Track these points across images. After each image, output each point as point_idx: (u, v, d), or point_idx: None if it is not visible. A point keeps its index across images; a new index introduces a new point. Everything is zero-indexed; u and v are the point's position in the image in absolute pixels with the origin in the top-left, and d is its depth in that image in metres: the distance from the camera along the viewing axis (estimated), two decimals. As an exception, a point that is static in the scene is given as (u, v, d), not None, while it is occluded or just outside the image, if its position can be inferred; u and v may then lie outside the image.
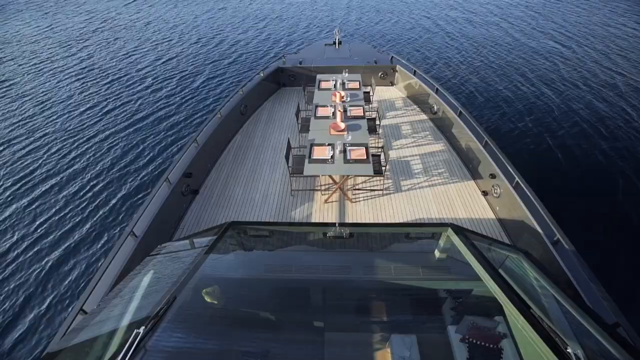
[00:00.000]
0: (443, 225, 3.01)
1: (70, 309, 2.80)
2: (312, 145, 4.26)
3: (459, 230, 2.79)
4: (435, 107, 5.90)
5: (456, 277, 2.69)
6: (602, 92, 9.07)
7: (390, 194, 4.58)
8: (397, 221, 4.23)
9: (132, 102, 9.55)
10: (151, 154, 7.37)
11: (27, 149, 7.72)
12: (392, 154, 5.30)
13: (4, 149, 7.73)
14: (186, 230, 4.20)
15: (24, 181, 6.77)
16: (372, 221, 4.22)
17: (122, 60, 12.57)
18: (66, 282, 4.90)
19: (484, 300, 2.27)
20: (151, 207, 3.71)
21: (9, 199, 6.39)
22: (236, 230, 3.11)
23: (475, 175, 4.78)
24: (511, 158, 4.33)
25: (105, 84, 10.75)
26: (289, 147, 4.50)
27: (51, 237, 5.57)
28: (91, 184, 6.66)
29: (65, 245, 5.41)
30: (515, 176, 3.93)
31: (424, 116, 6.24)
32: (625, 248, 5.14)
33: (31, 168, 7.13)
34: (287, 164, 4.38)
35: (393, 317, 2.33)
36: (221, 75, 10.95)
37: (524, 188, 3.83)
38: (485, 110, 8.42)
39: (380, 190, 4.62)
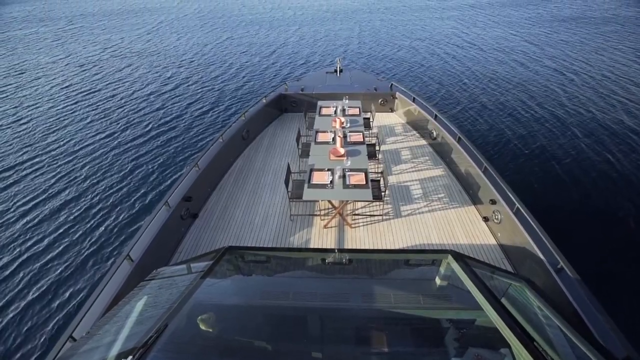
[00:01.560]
0: (443, 252, 2.96)
1: (60, 336, 2.71)
2: (311, 170, 4.29)
3: (459, 257, 2.74)
4: (434, 133, 5.99)
5: (458, 306, 2.61)
6: (602, 117, 9.20)
7: (390, 219, 4.55)
8: (397, 247, 4.17)
9: (134, 125, 9.75)
10: (152, 178, 7.42)
11: (26, 169, 7.81)
12: (392, 179, 5.32)
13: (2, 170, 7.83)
14: (184, 255, 4.15)
15: (22, 201, 6.79)
16: (371, 247, 4.16)
17: (127, 86, 12.95)
18: (58, 306, 4.79)
19: (488, 331, 2.18)
20: (149, 231, 3.69)
21: (7, 217, 6.39)
22: (233, 255, 3.07)
23: (475, 200, 4.77)
24: (511, 184, 4.33)
25: (109, 107, 11.03)
26: (288, 172, 4.53)
27: (45, 259, 5.51)
28: (90, 205, 6.66)
29: (60, 268, 5.34)
30: (516, 202, 3.91)
31: (423, 142, 6.32)
32: (633, 277, 5.01)
33: (29, 188, 7.18)
34: (287, 188, 4.39)
35: (394, 348, 2.24)
36: (225, 101, 11.23)
37: (525, 214, 3.80)
38: (484, 136, 8.53)
39: (380, 215, 4.60)
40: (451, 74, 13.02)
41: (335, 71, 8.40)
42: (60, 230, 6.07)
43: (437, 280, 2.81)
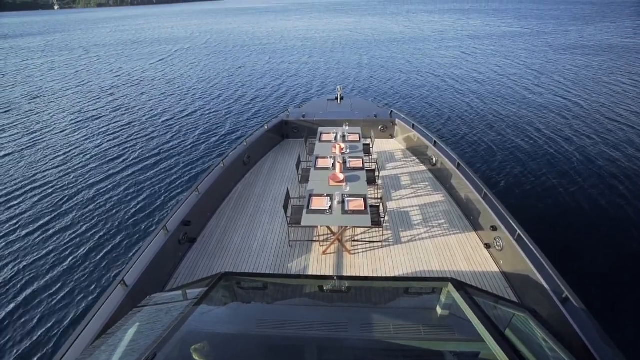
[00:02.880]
0: (443, 280, 2.90)
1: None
2: (310, 195, 4.30)
3: (460, 285, 2.67)
4: (434, 159, 6.03)
5: (460, 338, 2.52)
6: (603, 142, 9.25)
7: (389, 245, 4.49)
8: (397, 274, 4.09)
9: (137, 150, 9.94)
10: (152, 201, 7.46)
11: (26, 191, 7.91)
12: (392, 205, 5.30)
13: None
14: (180, 280, 4.08)
15: (18, 223, 6.83)
16: (371, 274, 4.08)
17: (133, 111, 13.33)
18: (48, 331, 4.67)
19: None
20: (145, 255, 3.65)
21: (4, 237, 6.38)
22: (229, 281, 3.02)
23: (476, 226, 4.72)
24: (512, 209, 4.29)
25: (113, 131, 11.32)
26: (287, 197, 4.54)
27: (38, 282, 5.45)
28: (87, 228, 6.67)
29: (53, 292, 5.26)
30: (517, 228, 3.86)
31: (423, 167, 6.35)
32: (643, 308, 4.83)
33: (29, 210, 7.24)
34: (286, 213, 4.38)
35: None
36: (227, 126, 11.50)
37: (527, 241, 3.74)
38: (483, 162, 8.58)
39: (379, 241, 4.54)
40: (450, 102, 13.30)
41: (336, 99, 8.62)
42: (56, 254, 6.04)
43: (438, 310, 2.73)
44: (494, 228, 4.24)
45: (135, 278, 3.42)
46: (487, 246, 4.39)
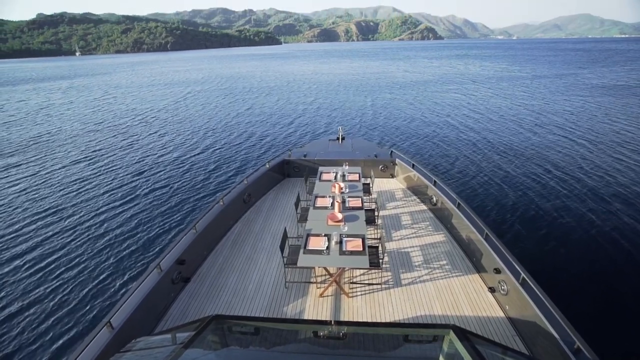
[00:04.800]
0: (444, 326, 2.75)
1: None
2: (308, 235, 4.24)
3: (463, 334, 2.53)
4: (434, 199, 6.01)
5: None
6: (608, 182, 9.20)
7: (389, 288, 4.33)
8: (397, 318, 3.89)
9: (141, 185, 10.06)
10: (148, 238, 7.39)
11: (15, 222, 7.90)
12: (392, 245, 5.19)
13: None
14: (170, 323, 3.91)
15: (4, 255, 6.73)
16: (369, 319, 3.89)
17: (140, 149, 13.68)
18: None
19: None
20: (136, 295, 3.54)
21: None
22: (221, 324, 2.89)
23: (479, 268, 4.56)
24: (515, 251, 4.18)
25: (118, 168, 11.52)
26: (284, 237, 4.48)
27: (20, 323, 5.23)
28: (79, 262, 6.58)
29: (34, 332, 5.04)
30: (521, 272, 3.72)
31: (423, 207, 6.31)
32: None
33: (16, 243, 7.18)
34: (282, 254, 4.30)
35: None
36: (229, 165, 11.73)
37: (532, 285, 3.58)
38: (484, 201, 8.52)
39: (378, 284, 4.39)
40: (450, 142, 13.55)
41: (338, 139, 8.82)
42: (42, 290, 5.88)
43: (441, 359, 2.56)
44: (498, 270, 4.09)
45: (123, 320, 3.28)
46: (492, 290, 4.22)
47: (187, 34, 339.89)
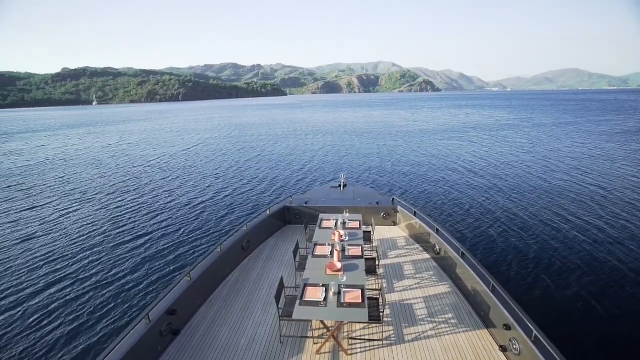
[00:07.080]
0: None
1: None
2: (305, 285, 4.08)
3: None
4: (437, 247, 5.85)
5: None
6: (616, 230, 8.95)
7: (391, 344, 4.04)
8: None
9: (140, 228, 9.95)
10: (138, 285, 7.14)
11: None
12: (394, 297, 4.95)
13: None
14: None
15: None
16: None
17: (148, 193, 13.81)
18: None
19: None
20: (119, 349, 3.31)
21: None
22: None
23: (488, 324, 4.28)
24: (525, 305, 3.93)
25: (121, 212, 11.52)
26: (280, 287, 4.31)
27: None
28: (65, 308, 6.33)
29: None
30: (533, 329, 3.46)
31: (426, 255, 6.12)
32: None
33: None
34: (277, 305, 4.09)
35: None
36: (228, 211, 11.67)
37: (546, 344, 3.32)
38: (489, 250, 8.26)
39: (379, 340, 4.10)
40: (452, 189, 13.56)
41: (340, 186, 8.87)
42: (23, 341, 5.55)
43: None
44: (508, 327, 3.83)
45: None
46: (503, 349, 3.91)
47: (198, 86, 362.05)
